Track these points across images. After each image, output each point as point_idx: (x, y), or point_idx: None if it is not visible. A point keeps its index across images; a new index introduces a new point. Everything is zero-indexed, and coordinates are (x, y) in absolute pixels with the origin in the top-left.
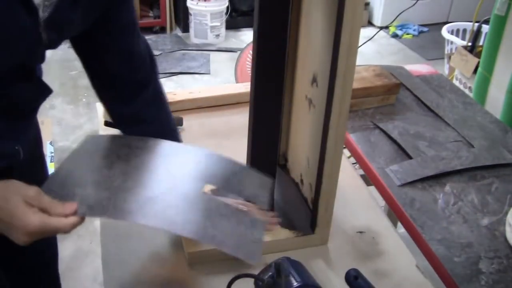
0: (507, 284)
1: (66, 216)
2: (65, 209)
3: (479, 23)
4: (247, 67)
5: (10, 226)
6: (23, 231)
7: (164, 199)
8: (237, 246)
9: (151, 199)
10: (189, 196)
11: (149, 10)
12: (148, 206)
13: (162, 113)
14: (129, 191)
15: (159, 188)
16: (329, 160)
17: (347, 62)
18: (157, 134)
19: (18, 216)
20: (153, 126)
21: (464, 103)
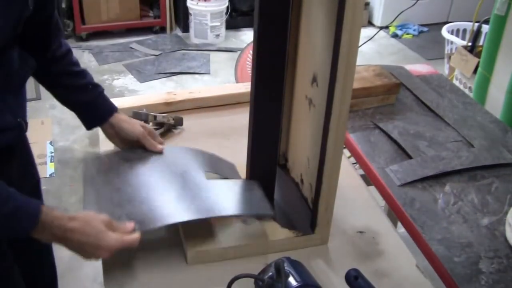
0: (507, 284)
1: (129, 233)
2: (127, 228)
3: (479, 23)
4: (247, 67)
5: (96, 247)
6: (107, 250)
7: (186, 194)
8: (252, 208)
9: (177, 198)
10: (201, 185)
11: (149, 10)
12: (179, 205)
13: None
14: (158, 198)
15: (176, 187)
16: (329, 160)
17: (347, 62)
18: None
19: (104, 238)
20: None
21: (464, 103)
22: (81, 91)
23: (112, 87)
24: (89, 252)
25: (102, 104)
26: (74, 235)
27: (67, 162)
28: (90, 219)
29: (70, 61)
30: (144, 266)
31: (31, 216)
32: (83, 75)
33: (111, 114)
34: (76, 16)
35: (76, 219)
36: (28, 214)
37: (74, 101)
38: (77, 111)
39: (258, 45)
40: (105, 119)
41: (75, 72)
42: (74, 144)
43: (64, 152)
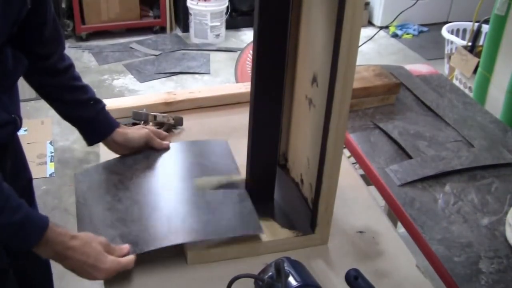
0: (507, 284)
1: (124, 256)
2: (123, 250)
3: (479, 23)
4: (247, 67)
5: (93, 267)
6: (104, 272)
7: (177, 211)
8: (240, 226)
9: (168, 217)
10: (192, 200)
11: (149, 10)
12: (171, 224)
13: (74, 68)
14: (149, 217)
15: (166, 204)
16: (329, 160)
17: (347, 62)
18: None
19: (102, 260)
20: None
21: (464, 103)
22: (82, 106)
23: (112, 87)
24: (86, 272)
25: (103, 121)
26: (74, 254)
27: (67, 162)
28: (90, 240)
29: (72, 76)
30: (144, 266)
31: (39, 228)
32: (85, 90)
33: (112, 130)
34: (76, 16)
35: (78, 238)
36: (36, 226)
37: (75, 117)
38: (78, 126)
39: (258, 45)
40: (106, 135)
41: (77, 87)
42: (74, 144)
43: (64, 152)
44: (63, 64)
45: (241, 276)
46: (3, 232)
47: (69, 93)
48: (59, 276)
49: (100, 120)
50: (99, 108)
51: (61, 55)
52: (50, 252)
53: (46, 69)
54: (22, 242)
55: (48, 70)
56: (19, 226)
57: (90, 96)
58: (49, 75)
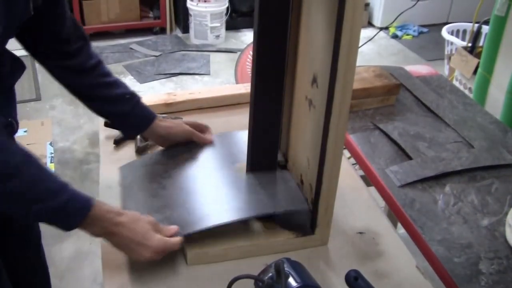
0: (507, 284)
1: (171, 236)
2: (170, 231)
3: (479, 24)
4: (247, 67)
5: (141, 245)
6: (151, 250)
7: (221, 194)
8: (284, 202)
9: (214, 199)
10: (235, 183)
11: (149, 10)
12: (216, 206)
13: (103, 65)
14: (195, 200)
15: (211, 188)
16: (329, 160)
17: (347, 63)
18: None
19: (149, 238)
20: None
21: (464, 104)
22: (115, 102)
23: None
24: (134, 250)
25: (139, 115)
26: (122, 230)
27: (67, 163)
28: (138, 217)
29: (101, 72)
30: (144, 266)
31: (82, 210)
32: (116, 85)
33: (148, 124)
34: (76, 17)
35: (125, 214)
36: (78, 209)
37: (108, 112)
38: (112, 121)
39: (258, 45)
40: (142, 129)
41: (108, 83)
42: (74, 145)
43: (64, 152)
44: (90, 62)
45: (241, 276)
46: (45, 216)
47: (100, 90)
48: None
49: (135, 115)
50: (133, 102)
51: (88, 53)
52: (98, 230)
53: (74, 68)
54: (65, 224)
55: (76, 69)
56: (61, 209)
57: (122, 91)
58: (77, 74)
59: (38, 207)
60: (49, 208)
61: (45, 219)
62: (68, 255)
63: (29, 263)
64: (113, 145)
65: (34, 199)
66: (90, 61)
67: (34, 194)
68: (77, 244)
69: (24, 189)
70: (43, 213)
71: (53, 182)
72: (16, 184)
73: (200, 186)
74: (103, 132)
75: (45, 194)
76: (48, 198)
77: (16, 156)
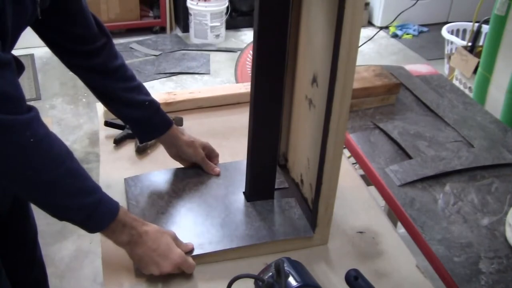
0: (507, 284)
1: (188, 253)
2: (188, 246)
3: (479, 23)
4: (247, 67)
5: (163, 257)
6: (172, 263)
7: (229, 220)
8: (290, 229)
9: (221, 224)
10: (242, 209)
11: (149, 10)
12: (224, 231)
13: (126, 67)
14: (203, 223)
15: (219, 212)
16: (329, 160)
17: (347, 62)
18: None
19: (172, 251)
20: (121, 72)
21: (464, 103)
22: (135, 107)
23: None
24: (154, 262)
25: (156, 122)
26: (147, 239)
27: None
28: (162, 229)
29: (125, 75)
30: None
31: (112, 212)
32: (138, 90)
33: (164, 131)
34: None
35: (149, 225)
36: (110, 208)
37: (126, 116)
38: (130, 125)
39: (258, 45)
40: (156, 136)
41: (131, 87)
42: (74, 144)
43: None
44: (114, 63)
45: (241, 276)
46: (76, 212)
47: (122, 94)
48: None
49: (152, 122)
50: (152, 110)
51: (110, 52)
52: (124, 237)
53: (97, 68)
54: (93, 224)
55: (99, 70)
56: (93, 208)
57: (143, 98)
58: (100, 75)
59: (70, 201)
60: (82, 205)
61: (74, 216)
62: (68, 254)
63: (26, 260)
64: (113, 144)
65: (71, 193)
66: (113, 62)
67: (72, 188)
68: (77, 243)
69: (65, 179)
70: (75, 208)
71: (89, 180)
72: (61, 172)
73: (209, 210)
74: (103, 132)
75: (81, 189)
76: (83, 195)
77: (62, 147)
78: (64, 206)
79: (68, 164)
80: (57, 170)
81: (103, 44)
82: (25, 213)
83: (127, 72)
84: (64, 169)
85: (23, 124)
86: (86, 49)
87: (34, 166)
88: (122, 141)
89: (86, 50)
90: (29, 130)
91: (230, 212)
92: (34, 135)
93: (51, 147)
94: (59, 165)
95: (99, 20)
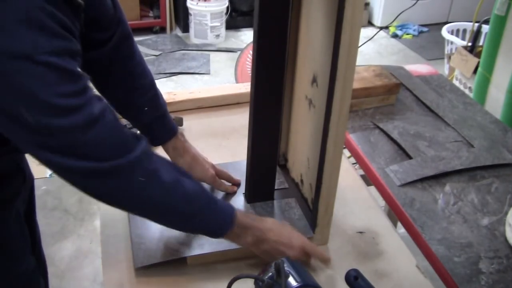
0: (507, 284)
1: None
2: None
3: (479, 23)
4: (247, 67)
5: (289, 245)
6: (297, 248)
7: None
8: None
9: None
10: (242, 210)
11: (149, 10)
12: None
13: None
14: None
15: None
16: (329, 160)
17: (347, 62)
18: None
19: (294, 237)
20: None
21: (464, 103)
22: (141, 110)
23: None
24: (281, 252)
25: (157, 129)
26: (271, 234)
27: None
28: (277, 221)
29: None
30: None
31: (230, 216)
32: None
33: (167, 140)
34: None
35: (267, 220)
36: (228, 213)
37: (131, 119)
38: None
39: (258, 45)
40: (157, 144)
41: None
42: None
43: None
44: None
45: (241, 276)
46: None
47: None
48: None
49: (154, 128)
50: (155, 116)
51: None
52: (250, 237)
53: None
54: (219, 229)
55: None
56: (218, 213)
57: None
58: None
59: (190, 224)
60: (207, 217)
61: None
62: (68, 254)
63: None
64: None
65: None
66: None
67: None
68: (77, 243)
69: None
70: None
71: (200, 197)
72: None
73: None
74: None
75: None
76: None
77: (172, 174)
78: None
79: (180, 191)
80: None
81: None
82: (31, 215)
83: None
84: (176, 199)
85: (129, 167)
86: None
87: (147, 205)
88: None
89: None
90: (137, 172)
91: None
92: (143, 175)
93: (162, 181)
94: (173, 196)
95: (117, 3)
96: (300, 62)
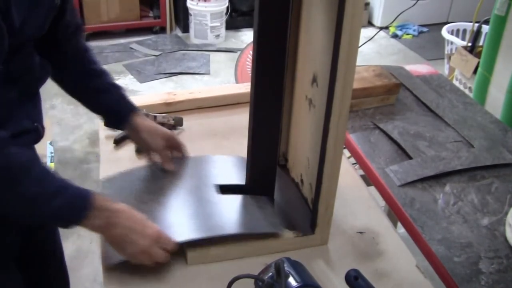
0: (507, 284)
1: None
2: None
3: (479, 23)
4: (247, 67)
5: (142, 234)
6: (150, 238)
7: (198, 212)
8: (261, 224)
9: (190, 216)
10: (213, 202)
11: (149, 10)
12: (193, 222)
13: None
14: (173, 216)
15: (189, 204)
16: (329, 160)
17: (347, 62)
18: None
19: (147, 226)
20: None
21: (464, 103)
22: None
23: None
24: (133, 240)
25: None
26: (123, 218)
27: (67, 162)
28: (131, 208)
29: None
30: (144, 266)
31: (85, 203)
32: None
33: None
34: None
35: (120, 204)
36: (81, 202)
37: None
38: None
39: (258, 45)
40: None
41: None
42: (74, 144)
43: (64, 152)
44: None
45: (241, 276)
46: (50, 218)
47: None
48: None
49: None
50: (119, 94)
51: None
52: (102, 220)
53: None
54: (71, 221)
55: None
56: (66, 206)
57: (109, 81)
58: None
59: (42, 209)
60: (56, 207)
61: (52, 218)
62: (68, 254)
63: (50, 275)
64: (113, 144)
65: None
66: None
67: (39, 195)
68: (77, 243)
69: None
70: (53, 211)
71: (54, 180)
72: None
73: (181, 204)
74: (103, 132)
75: (47, 194)
76: (55, 197)
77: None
78: (38, 215)
79: (33, 174)
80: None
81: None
82: (53, 231)
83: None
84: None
85: None
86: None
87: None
88: (122, 141)
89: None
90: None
91: (202, 205)
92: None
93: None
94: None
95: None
96: (300, 62)
